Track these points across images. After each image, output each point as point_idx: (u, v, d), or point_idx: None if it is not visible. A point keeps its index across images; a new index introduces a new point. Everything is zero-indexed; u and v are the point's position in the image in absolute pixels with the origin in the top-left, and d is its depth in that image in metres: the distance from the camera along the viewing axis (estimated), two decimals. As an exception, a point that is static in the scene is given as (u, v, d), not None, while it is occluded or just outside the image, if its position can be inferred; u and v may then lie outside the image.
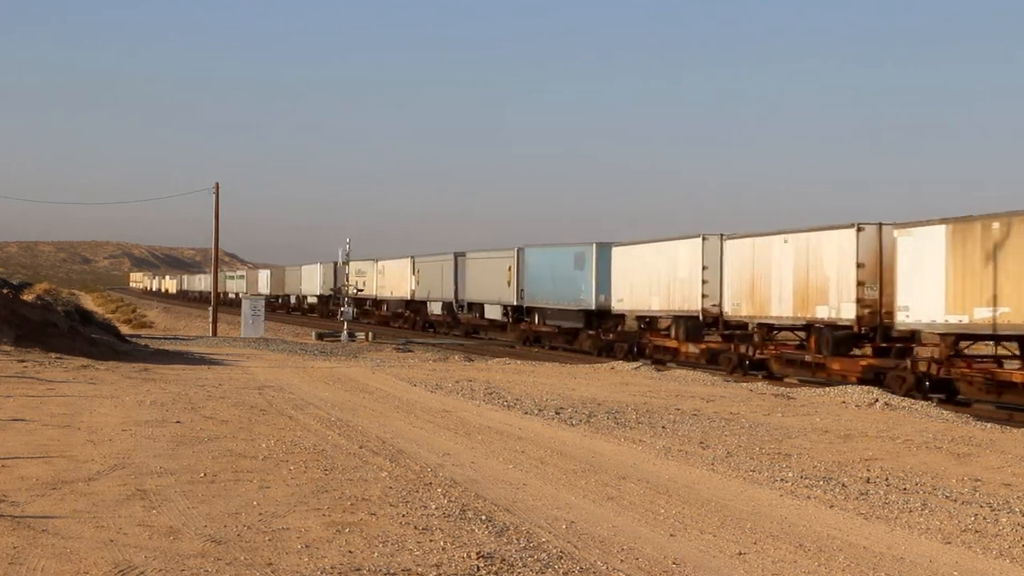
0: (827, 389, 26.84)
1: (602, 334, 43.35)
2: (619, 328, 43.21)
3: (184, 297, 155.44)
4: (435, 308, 63.40)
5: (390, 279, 72.01)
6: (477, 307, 56.53)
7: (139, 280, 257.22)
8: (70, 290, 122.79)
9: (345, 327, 51.47)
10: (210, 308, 57.70)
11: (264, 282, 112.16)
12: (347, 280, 56.72)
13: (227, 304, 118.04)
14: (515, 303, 50.96)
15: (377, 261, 75.08)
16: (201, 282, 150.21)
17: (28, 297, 39.67)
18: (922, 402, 24.37)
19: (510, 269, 51.19)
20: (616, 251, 42.60)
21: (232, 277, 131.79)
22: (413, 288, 66.96)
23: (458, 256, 59.60)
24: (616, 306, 42.20)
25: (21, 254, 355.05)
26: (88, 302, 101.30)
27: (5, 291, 35.98)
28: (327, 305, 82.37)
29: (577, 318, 45.17)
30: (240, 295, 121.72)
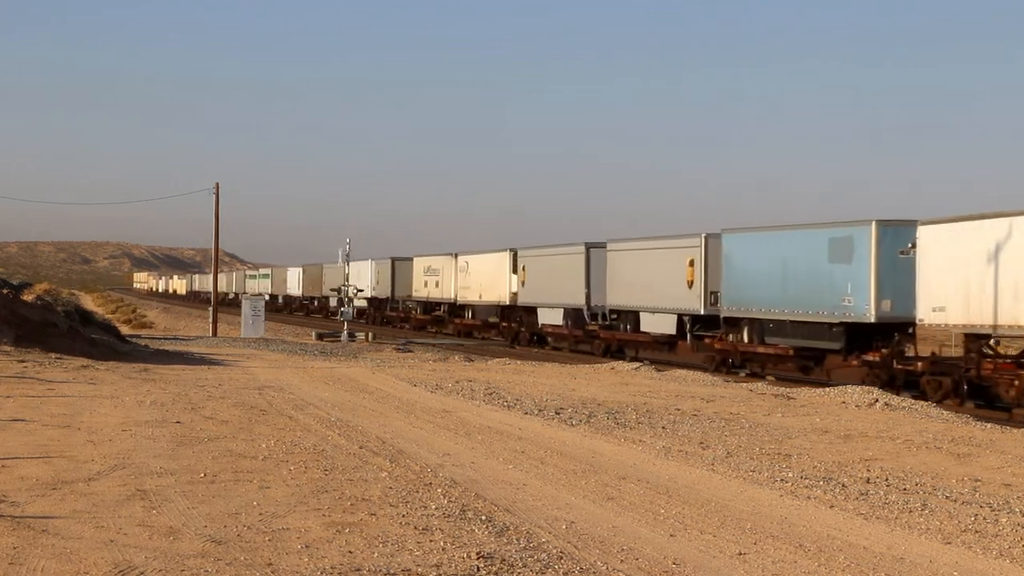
0: (827, 389, 26.83)
1: (890, 360, 28.33)
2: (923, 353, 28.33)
3: (196, 299, 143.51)
4: (551, 316, 47.97)
5: (478, 278, 56.13)
6: (628, 316, 41.42)
7: (143, 280, 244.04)
8: (70, 290, 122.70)
9: (345, 327, 51.45)
10: (210, 308, 57.69)
11: (295, 281, 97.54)
12: (346, 280, 56.68)
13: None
14: (700, 311, 36.35)
15: (457, 256, 59.51)
16: (207, 283, 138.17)
17: (28, 297, 39.68)
18: (922, 402, 24.35)
19: (692, 264, 36.89)
20: (928, 231, 27.02)
21: (255, 276, 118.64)
22: (515, 290, 51.62)
23: (592, 248, 44.72)
24: (931, 318, 26.75)
25: (21, 254, 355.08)
26: (88, 302, 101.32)
27: (5, 291, 35.98)
28: (383, 310, 73.43)
29: (831, 336, 30.68)
30: (261, 295, 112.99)
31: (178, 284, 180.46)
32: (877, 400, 23.93)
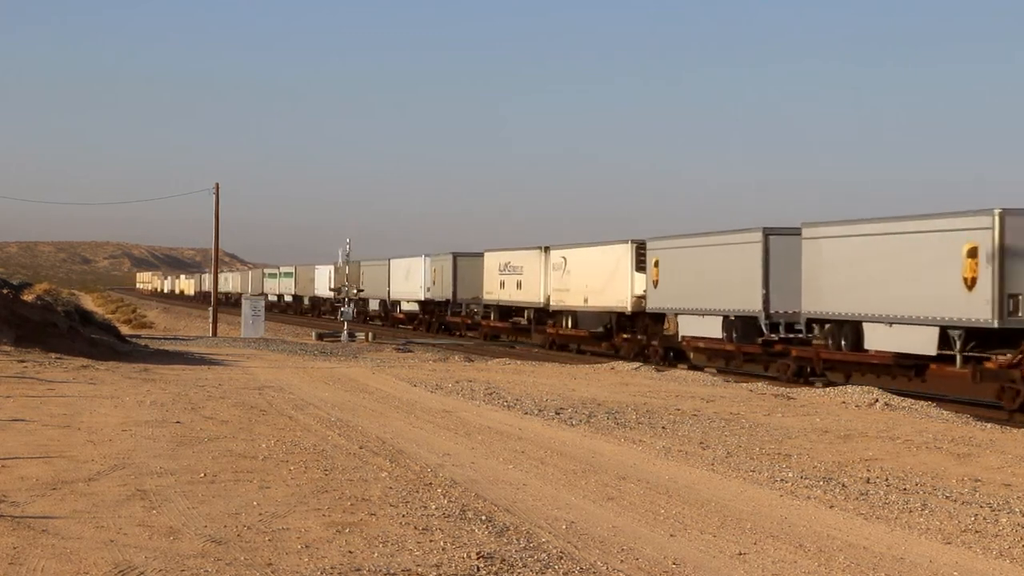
0: (827, 389, 26.84)
1: None
2: None
3: (207, 300, 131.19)
4: (700, 326, 36.03)
5: (582, 277, 44.94)
6: (841, 328, 29.93)
7: (147, 280, 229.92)
8: (70, 290, 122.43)
9: (345, 327, 51.46)
10: (210, 308, 57.70)
11: (324, 281, 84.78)
12: (347, 280, 56.67)
13: (266, 309, 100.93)
14: (990, 322, 25.08)
15: (548, 250, 48.64)
16: (228, 282, 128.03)
17: (28, 297, 39.70)
18: (922, 402, 24.34)
19: (973, 253, 25.49)
20: None
21: (275, 275, 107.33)
22: (639, 292, 40.19)
23: (774, 234, 33.33)
24: None
25: (21, 254, 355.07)
26: (88, 302, 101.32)
27: (5, 291, 35.99)
28: (440, 314, 63.55)
29: None
30: (283, 297, 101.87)
31: (185, 284, 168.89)
32: (877, 400, 23.93)
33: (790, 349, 32.01)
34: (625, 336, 41.62)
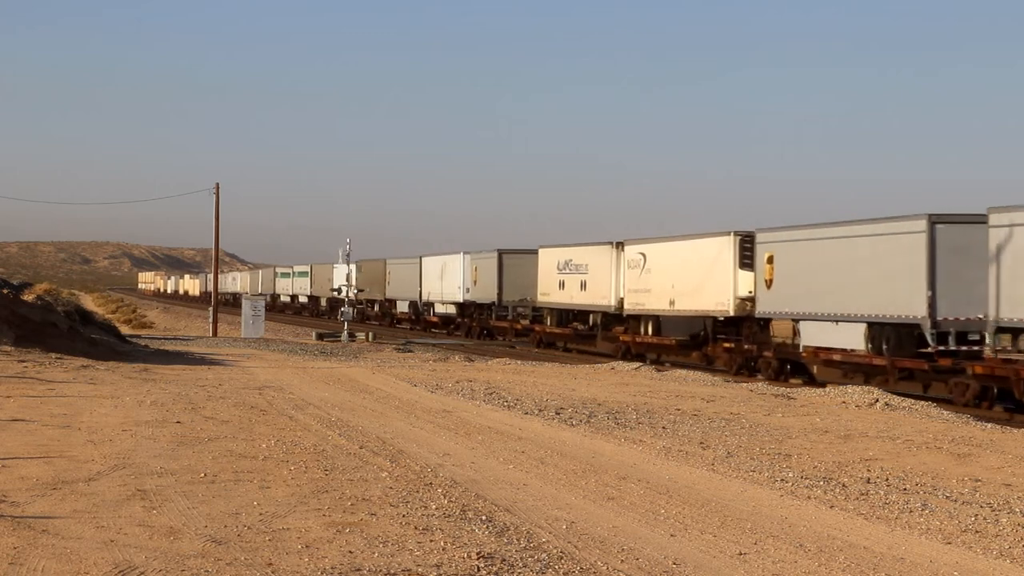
0: (827, 389, 26.83)
1: None
2: None
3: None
4: (832, 334, 30.28)
5: (668, 276, 38.39)
6: None
7: (149, 280, 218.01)
8: (70, 290, 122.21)
9: (345, 327, 51.43)
10: (210, 308, 57.70)
11: (343, 281, 69.98)
12: (347, 280, 56.64)
13: (278, 310, 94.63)
14: None
15: (622, 245, 42.45)
16: (237, 282, 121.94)
17: (28, 297, 39.68)
18: (922, 402, 24.34)
19: None
20: None
21: (288, 274, 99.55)
22: (745, 293, 34.26)
23: (942, 223, 27.06)
24: None
25: (21, 254, 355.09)
26: (88, 302, 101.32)
27: (5, 291, 36.00)
28: (483, 318, 56.48)
29: None
30: (297, 297, 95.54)
31: (190, 284, 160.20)
32: (877, 400, 23.93)
33: (967, 365, 25.50)
34: (727, 345, 35.18)
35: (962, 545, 10.51)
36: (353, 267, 69.70)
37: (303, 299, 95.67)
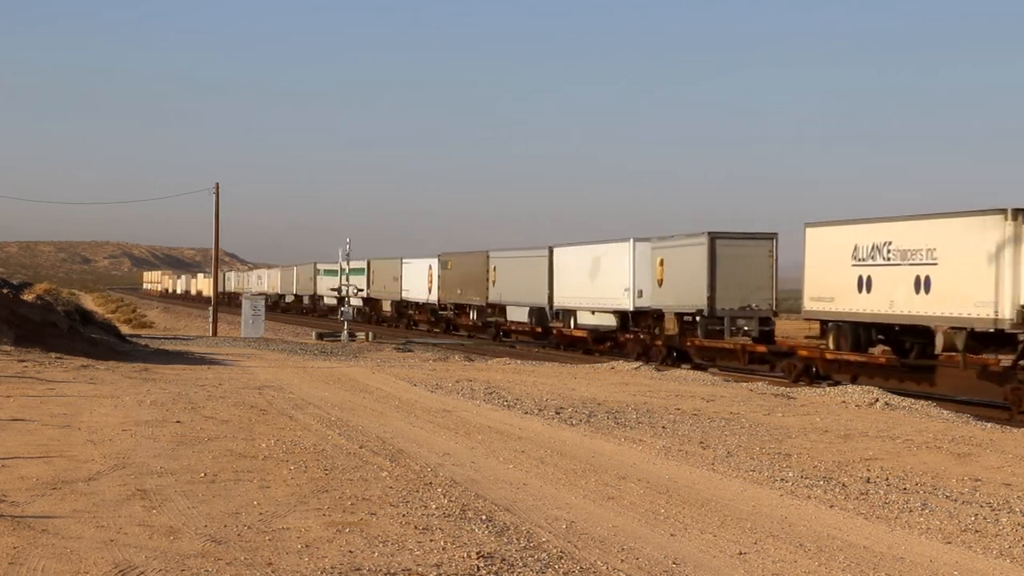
0: (827, 389, 26.83)
1: None
2: None
3: (230, 301, 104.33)
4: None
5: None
6: None
7: (155, 280, 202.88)
8: (70, 290, 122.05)
9: (345, 327, 51.44)
10: (210, 308, 57.71)
11: (416, 281, 65.29)
12: (346, 280, 56.64)
13: (321, 314, 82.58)
14: None
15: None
16: (263, 280, 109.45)
17: (28, 297, 39.68)
18: (922, 402, 24.34)
19: None
20: None
21: (335, 272, 72.31)
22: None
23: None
24: None
25: (21, 254, 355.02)
26: (88, 302, 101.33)
27: (5, 291, 36.00)
28: (542, 325, 48.88)
29: None
30: (344, 299, 75.86)
31: (204, 284, 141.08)
32: (877, 400, 23.93)
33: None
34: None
35: (962, 545, 10.51)
36: (435, 263, 61.88)
37: (356, 301, 76.29)
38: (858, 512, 11.88)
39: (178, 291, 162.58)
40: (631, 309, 41.17)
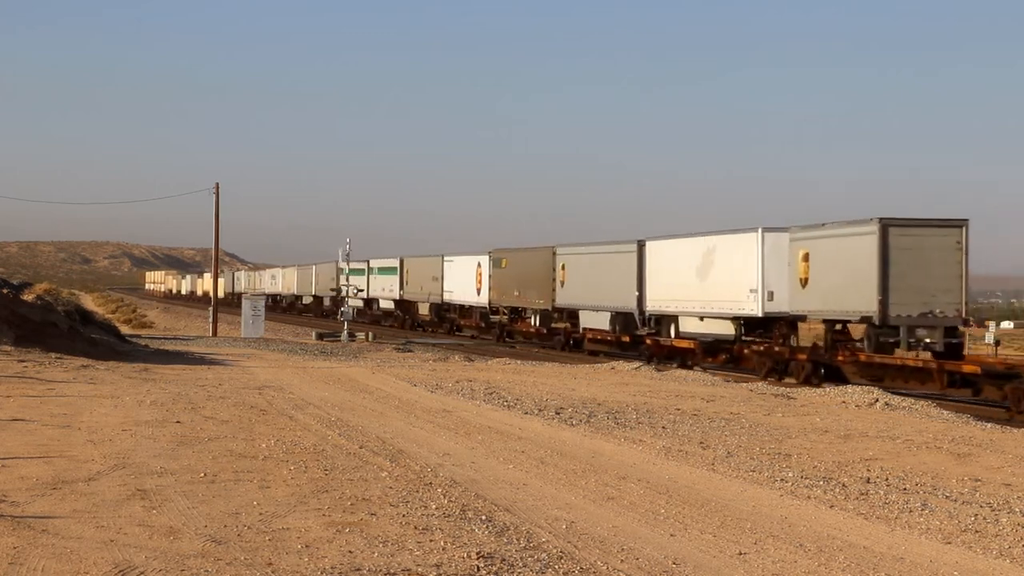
0: (827, 389, 26.83)
1: None
2: None
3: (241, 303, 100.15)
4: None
5: None
6: None
7: (159, 280, 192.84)
8: (70, 290, 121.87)
9: (345, 327, 51.44)
10: (210, 308, 57.71)
11: (463, 281, 57.26)
12: (346, 280, 56.57)
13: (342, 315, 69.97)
14: None
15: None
16: (277, 280, 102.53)
17: (28, 297, 39.68)
18: (922, 402, 24.33)
19: None
20: None
21: (360, 271, 71.01)
22: None
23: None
24: None
25: (21, 254, 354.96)
26: (88, 302, 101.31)
27: (5, 291, 36.00)
28: (629, 332, 40.77)
29: None
30: (378, 303, 72.08)
31: (210, 284, 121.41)
32: (877, 400, 23.93)
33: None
34: None
35: (962, 545, 10.51)
36: (485, 260, 54.23)
37: (386, 304, 71.24)
38: (858, 512, 11.88)
39: (183, 291, 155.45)
40: (759, 314, 33.18)
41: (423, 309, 64.33)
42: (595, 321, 43.34)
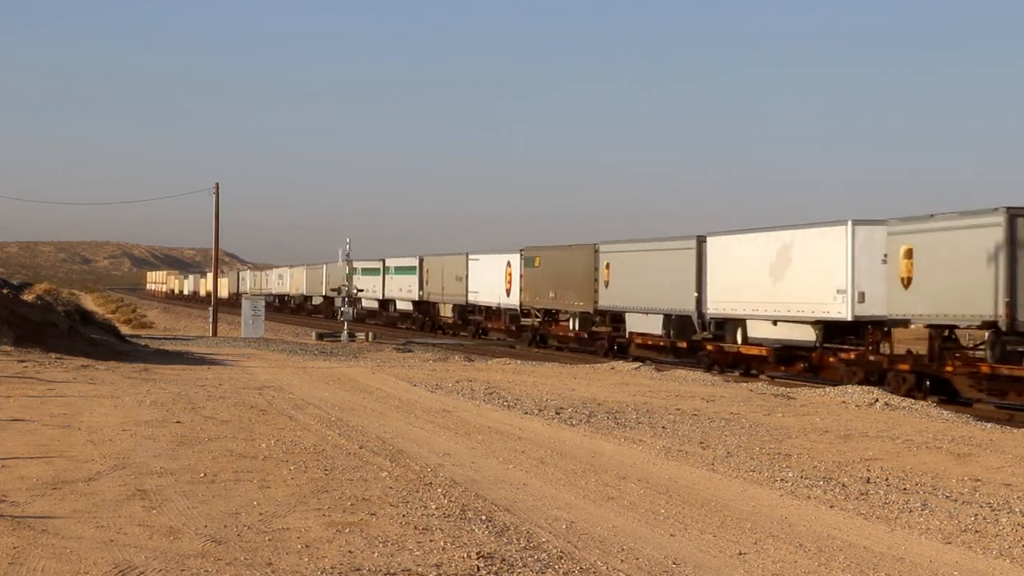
0: (827, 389, 26.83)
1: None
2: None
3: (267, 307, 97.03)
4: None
5: None
6: None
7: (160, 280, 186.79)
8: (70, 290, 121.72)
9: (345, 327, 51.45)
10: (210, 308, 57.72)
11: (490, 280, 53.38)
12: (347, 280, 56.58)
13: (360, 319, 68.52)
14: None
15: None
16: (284, 280, 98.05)
17: (28, 297, 39.69)
18: (922, 402, 24.33)
19: None
20: None
21: (375, 271, 69.84)
22: None
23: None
24: None
25: (21, 254, 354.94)
26: (88, 302, 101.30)
27: (5, 291, 36.01)
28: (685, 337, 37.27)
29: None
30: (395, 304, 68.06)
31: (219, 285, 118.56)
32: (877, 400, 23.93)
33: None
34: None
35: (962, 545, 10.51)
36: (515, 259, 50.06)
37: (404, 305, 67.29)
38: (858, 512, 11.88)
39: (185, 292, 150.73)
40: (848, 318, 29.57)
41: (445, 311, 61.08)
42: (644, 324, 39.24)
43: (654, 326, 38.46)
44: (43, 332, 31.45)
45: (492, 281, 53.29)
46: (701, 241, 36.31)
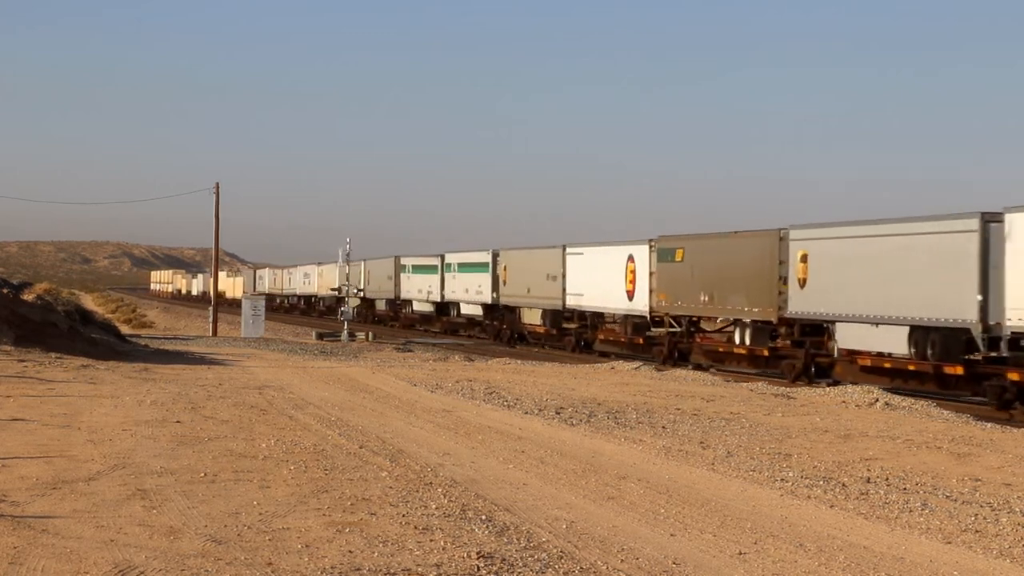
0: (827, 389, 26.82)
1: None
2: None
3: (278, 307, 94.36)
4: None
5: None
6: None
7: (166, 280, 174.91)
8: (70, 290, 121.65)
9: (345, 327, 51.45)
10: (210, 308, 57.72)
11: (603, 281, 41.93)
12: (347, 280, 56.55)
13: (406, 324, 65.12)
14: None
15: None
16: (310, 279, 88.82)
17: (28, 297, 39.67)
18: (922, 402, 24.33)
19: None
20: None
21: (428, 269, 61.25)
22: None
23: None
24: None
25: (21, 254, 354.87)
26: (88, 302, 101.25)
27: (5, 291, 36.00)
28: (950, 357, 25.66)
29: None
30: (461, 308, 57.28)
31: (227, 284, 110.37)
32: (877, 400, 23.92)
33: None
34: None
35: (962, 545, 10.51)
36: (642, 251, 39.80)
37: (471, 309, 56.49)
38: (858, 512, 11.88)
39: (194, 292, 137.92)
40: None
41: (531, 316, 49.30)
42: (873, 340, 28.55)
43: (893, 343, 27.76)
44: (43, 332, 31.44)
45: (602, 280, 42.19)
46: (990, 220, 24.52)
